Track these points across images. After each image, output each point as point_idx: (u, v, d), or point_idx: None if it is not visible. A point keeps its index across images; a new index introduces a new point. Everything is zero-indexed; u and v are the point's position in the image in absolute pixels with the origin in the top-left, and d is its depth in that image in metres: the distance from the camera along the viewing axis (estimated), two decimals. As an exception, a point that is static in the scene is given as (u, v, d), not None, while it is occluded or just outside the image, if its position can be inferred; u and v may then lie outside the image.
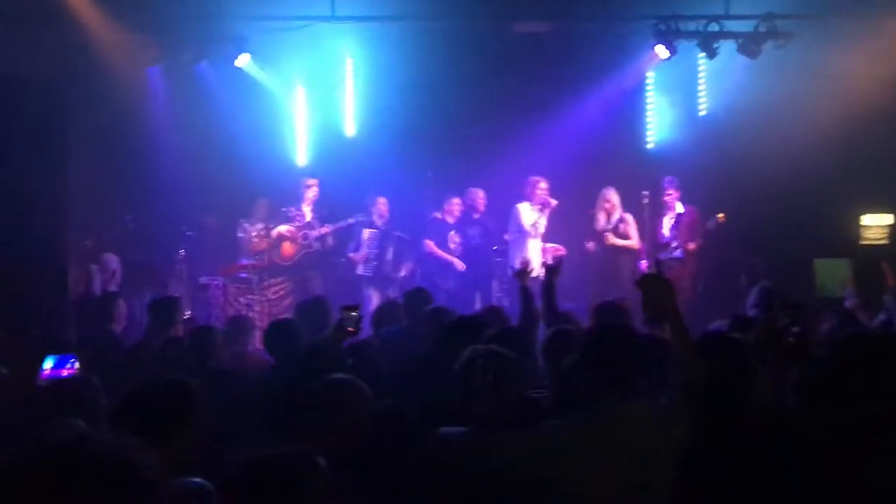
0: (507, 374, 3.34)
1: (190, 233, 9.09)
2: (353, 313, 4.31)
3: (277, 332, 4.94)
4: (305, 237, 9.17)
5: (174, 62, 8.95)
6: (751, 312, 5.70)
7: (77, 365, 4.03)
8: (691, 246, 8.88)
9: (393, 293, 8.76)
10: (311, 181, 9.37)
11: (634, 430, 3.02)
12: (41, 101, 6.90)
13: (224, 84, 9.30)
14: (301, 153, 10.23)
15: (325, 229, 9.17)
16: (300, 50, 9.45)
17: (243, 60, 9.07)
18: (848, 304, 6.60)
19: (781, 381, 3.29)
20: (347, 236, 9.33)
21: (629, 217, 9.11)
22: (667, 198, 9.04)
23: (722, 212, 8.77)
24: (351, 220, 9.17)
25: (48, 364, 4.02)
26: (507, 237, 9.25)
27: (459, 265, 9.00)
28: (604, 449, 2.99)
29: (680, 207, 9.06)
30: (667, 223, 9.10)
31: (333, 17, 8.83)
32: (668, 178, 9.10)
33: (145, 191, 9.22)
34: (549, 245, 9.01)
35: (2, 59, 7.34)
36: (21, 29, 7.75)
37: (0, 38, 7.51)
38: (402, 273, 9.27)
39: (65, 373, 4.02)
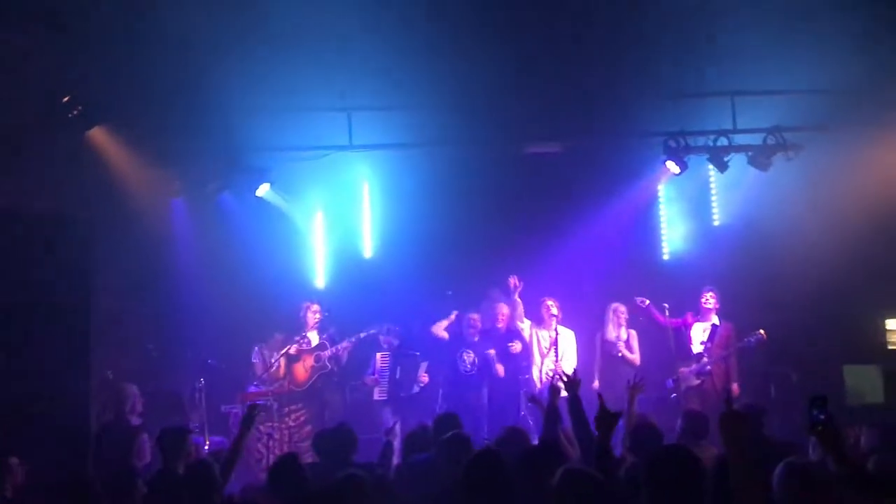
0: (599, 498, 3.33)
1: (211, 361, 9.05)
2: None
3: (283, 470, 4.83)
4: (318, 358, 9.06)
5: (197, 194, 9.17)
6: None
7: None
8: (716, 366, 8.71)
9: (415, 415, 8.62)
10: (315, 306, 9.25)
11: None
12: (68, 236, 7.05)
13: (245, 213, 9.50)
14: (320, 276, 10.33)
15: (343, 346, 9.03)
16: (318, 177, 9.71)
17: (264, 190, 9.29)
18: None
19: None
20: (363, 354, 9.23)
21: (634, 332, 9.12)
22: (704, 304, 8.92)
23: (758, 325, 8.63)
24: (363, 334, 9.08)
25: None
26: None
27: (500, 370, 8.89)
28: None
29: (716, 319, 8.95)
30: (698, 332, 8.97)
31: (350, 146, 9.08)
32: (707, 287, 9.00)
33: (168, 319, 9.27)
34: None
35: (29, 198, 7.53)
36: (48, 167, 7.98)
37: (27, 177, 7.73)
38: (415, 390, 9.07)
39: None
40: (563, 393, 5.33)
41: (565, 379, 5.32)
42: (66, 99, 7.76)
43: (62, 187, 7.71)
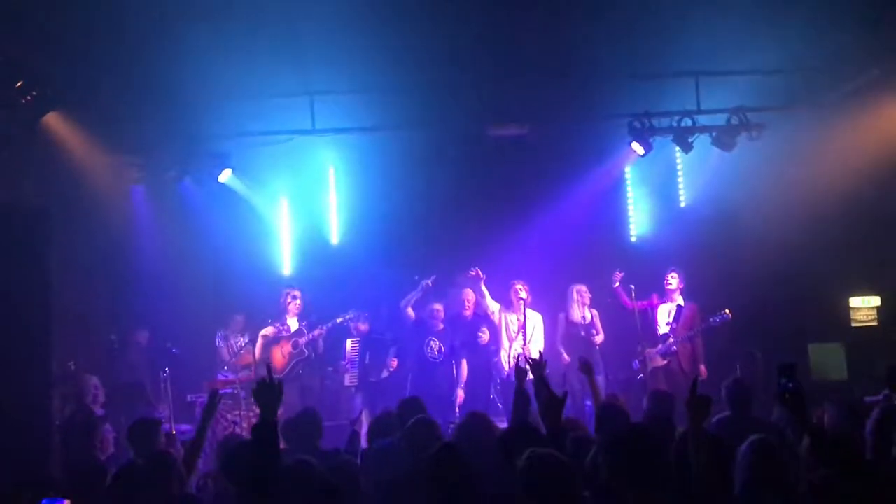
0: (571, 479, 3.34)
1: (175, 350, 8.94)
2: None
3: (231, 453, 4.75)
4: (296, 345, 9.02)
5: (158, 181, 9.01)
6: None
7: None
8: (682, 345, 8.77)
9: (384, 401, 8.59)
10: (295, 292, 9.21)
11: None
12: (24, 227, 6.88)
13: (207, 200, 9.38)
14: (286, 263, 10.23)
15: (317, 332, 8.99)
16: (282, 162, 9.59)
17: (226, 176, 9.15)
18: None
19: None
20: (338, 340, 9.18)
21: (595, 312, 9.14)
22: (667, 286, 8.97)
23: (724, 304, 8.65)
24: (339, 319, 9.04)
25: None
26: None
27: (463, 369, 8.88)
28: None
29: (680, 300, 8.99)
30: (664, 313, 9.00)
31: (314, 130, 8.97)
32: (670, 268, 9.05)
33: (130, 309, 9.13)
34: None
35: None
36: (1, 155, 7.78)
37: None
38: (384, 375, 9.03)
39: None
40: (530, 376, 5.30)
41: (531, 362, 5.29)
42: (19, 84, 7.55)
43: (17, 176, 7.54)
